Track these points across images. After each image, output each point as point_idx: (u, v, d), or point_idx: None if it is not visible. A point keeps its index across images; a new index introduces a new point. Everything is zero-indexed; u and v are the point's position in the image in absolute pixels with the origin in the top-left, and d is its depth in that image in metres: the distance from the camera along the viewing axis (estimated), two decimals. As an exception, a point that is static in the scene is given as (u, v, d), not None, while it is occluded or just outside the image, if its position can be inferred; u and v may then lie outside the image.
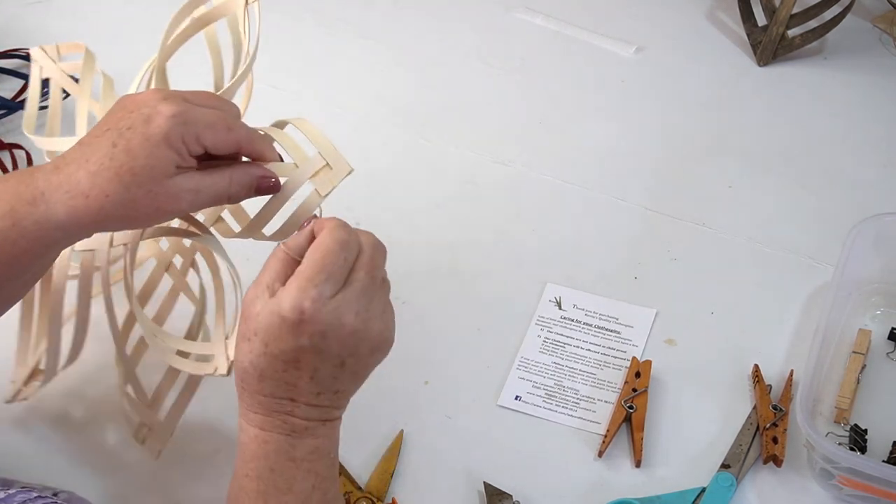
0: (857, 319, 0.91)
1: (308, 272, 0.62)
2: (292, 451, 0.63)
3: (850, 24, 1.20)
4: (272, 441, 0.63)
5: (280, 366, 0.62)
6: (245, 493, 0.64)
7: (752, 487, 0.82)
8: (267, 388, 0.63)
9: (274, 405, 0.63)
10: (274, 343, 0.62)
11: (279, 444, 0.63)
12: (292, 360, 0.62)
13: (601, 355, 0.91)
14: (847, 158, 1.08)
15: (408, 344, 0.93)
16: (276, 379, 0.63)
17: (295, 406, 0.63)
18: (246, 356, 0.63)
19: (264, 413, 0.63)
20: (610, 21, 1.24)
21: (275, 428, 0.63)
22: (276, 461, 0.63)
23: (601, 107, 1.14)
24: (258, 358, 0.62)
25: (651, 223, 1.02)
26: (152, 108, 0.63)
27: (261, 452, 0.63)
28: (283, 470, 0.63)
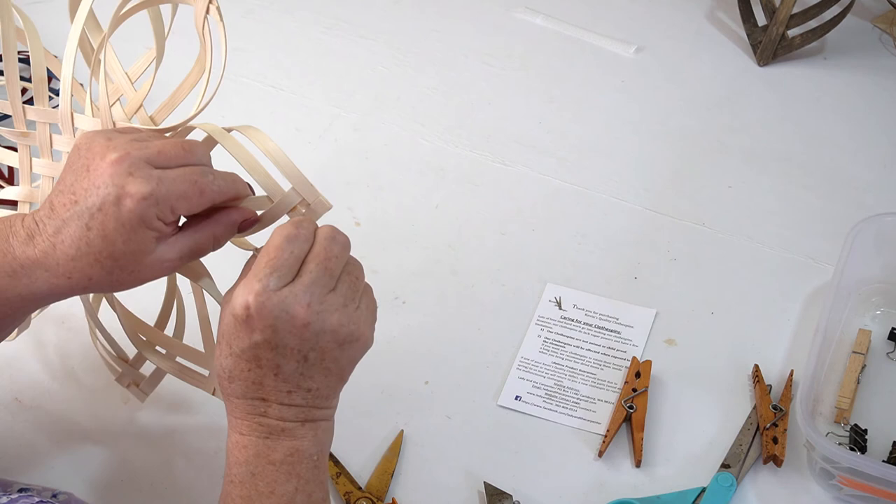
0: (857, 319, 0.91)
1: (254, 268, 0.62)
2: (270, 453, 0.63)
3: (850, 24, 1.20)
4: (251, 445, 0.63)
5: (244, 364, 0.62)
6: (231, 498, 0.64)
7: (752, 487, 0.82)
8: (238, 390, 0.63)
9: (248, 407, 0.64)
10: (235, 342, 0.62)
11: (257, 447, 0.63)
12: (252, 357, 0.62)
13: (601, 355, 0.91)
14: (847, 158, 1.08)
15: (408, 344, 0.93)
16: (243, 379, 0.63)
17: (267, 406, 0.63)
18: (218, 360, 0.64)
19: (242, 416, 0.64)
20: (610, 21, 1.24)
21: (252, 431, 0.64)
22: (256, 465, 0.63)
23: (601, 107, 1.14)
24: (226, 360, 0.63)
25: (651, 223, 1.02)
26: (120, 187, 0.61)
27: (242, 457, 0.64)
28: (263, 473, 0.63)
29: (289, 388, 0.63)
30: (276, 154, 0.67)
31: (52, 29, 1.24)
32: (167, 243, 0.64)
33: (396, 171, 1.07)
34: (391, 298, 0.95)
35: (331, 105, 1.14)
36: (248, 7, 1.25)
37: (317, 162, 1.07)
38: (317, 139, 1.10)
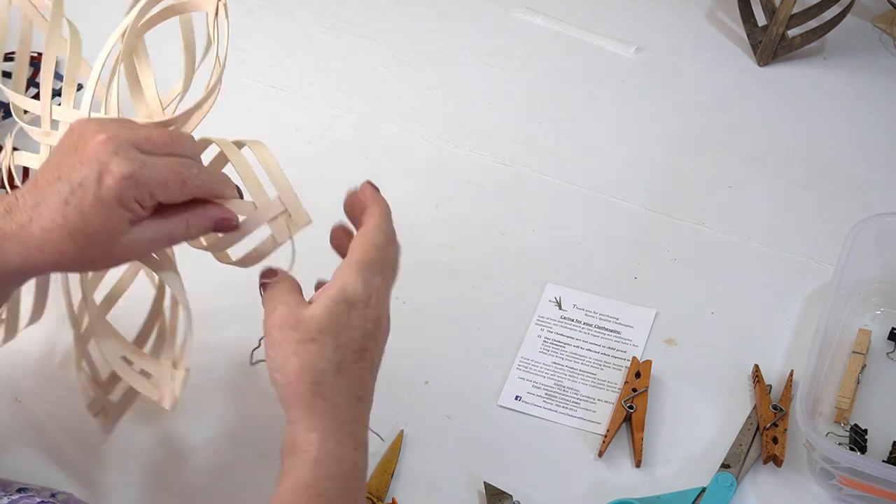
0: (857, 319, 0.91)
1: (366, 260, 0.63)
2: (361, 467, 0.62)
3: (850, 24, 1.19)
4: (348, 458, 0.62)
5: (351, 357, 0.62)
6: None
7: (752, 487, 0.82)
8: (344, 386, 0.62)
9: (343, 412, 0.62)
10: (343, 333, 0.62)
11: (354, 460, 0.62)
12: (360, 349, 0.62)
13: (601, 355, 0.91)
14: (847, 158, 1.08)
15: (408, 344, 0.93)
16: (351, 373, 0.62)
17: (361, 408, 0.62)
18: (316, 357, 0.62)
19: (335, 424, 0.62)
20: (610, 21, 1.24)
21: (348, 439, 0.62)
22: (351, 480, 0.62)
23: (601, 107, 1.14)
24: (333, 353, 0.62)
25: (651, 223, 1.02)
26: (104, 164, 0.61)
27: (336, 471, 0.61)
28: (353, 490, 0.61)
29: (373, 388, 0.63)
30: (270, 163, 0.68)
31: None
32: (141, 226, 0.64)
33: (396, 171, 1.07)
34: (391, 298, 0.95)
35: (331, 105, 1.14)
36: (248, 7, 1.25)
37: (316, 162, 1.07)
38: (317, 139, 1.10)
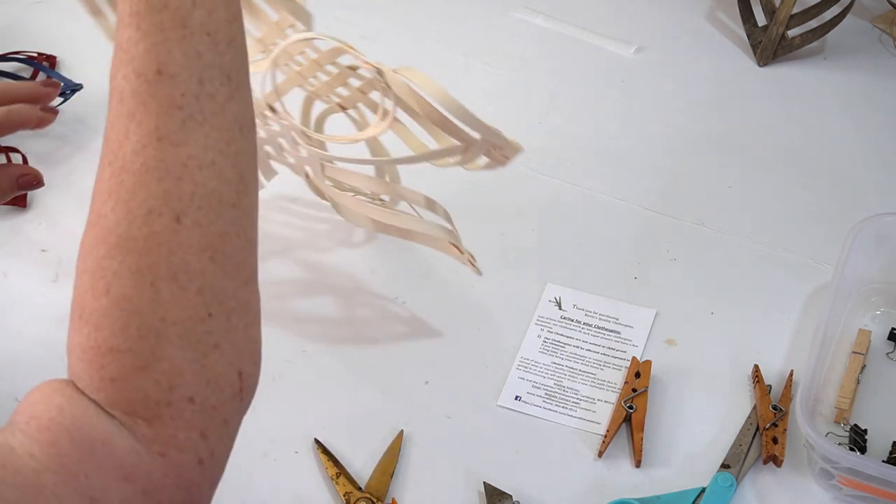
0: (857, 319, 0.91)
1: None
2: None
3: (850, 24, 1.20)
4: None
5: None
6: (122, 22, 0.52)
7: (751, 487, 0.82)
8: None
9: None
10: None
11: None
12: None
13: (601, 355, 0.91)
14: (847, 158, 1.08)
15: (408, 344, 0.93)
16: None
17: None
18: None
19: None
20: (610, 21, 1.24)
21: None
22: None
23: (601, 107, 1.14)
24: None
25: (651, 223, 1.02)
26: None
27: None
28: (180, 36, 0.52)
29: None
30: (446, 99, 0.73)
31: (54, 30, 1.24)
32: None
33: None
34: (391, 298, 0.95)
35: (331, 105, 1.13)
36: (249, 7, 1.25)
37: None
38: (317, 139, 1.10)
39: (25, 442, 0.48)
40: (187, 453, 0.50)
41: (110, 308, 0.50)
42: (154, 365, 0.49)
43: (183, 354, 0.50)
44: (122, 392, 0.49)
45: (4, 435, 0.49)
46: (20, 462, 0.48)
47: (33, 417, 0.50)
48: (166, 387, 0.49)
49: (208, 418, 0.50)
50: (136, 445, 0.49)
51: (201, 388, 0.50)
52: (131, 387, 0.49)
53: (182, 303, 0.50)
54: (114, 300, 0.50)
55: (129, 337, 0.50)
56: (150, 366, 0.49)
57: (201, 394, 0.50)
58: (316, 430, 0.86)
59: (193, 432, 0.50)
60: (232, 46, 0.53)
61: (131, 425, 0.49)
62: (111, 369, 0.50)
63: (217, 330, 0.51)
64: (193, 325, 0.50)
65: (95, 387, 0.50)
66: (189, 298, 0.50)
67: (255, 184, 0.55)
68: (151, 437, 0.49)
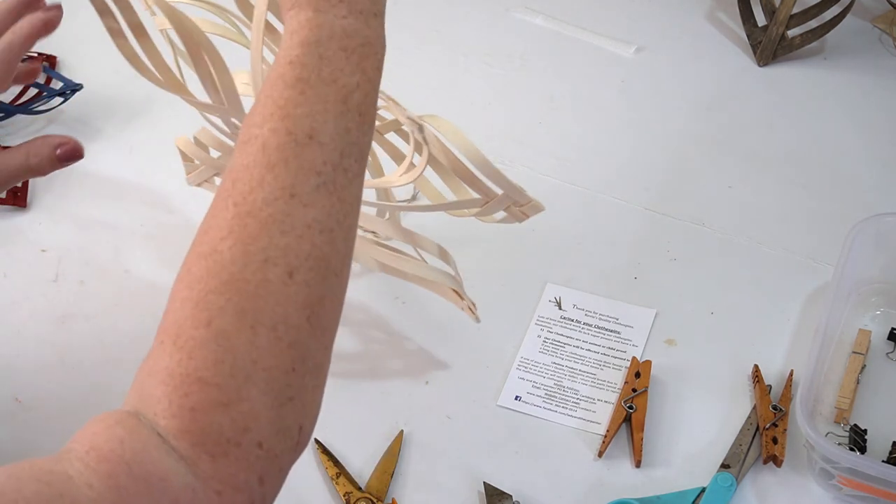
0: (857, 319, 0.91)
1: None
2: (346, 39, 0.57)
3: (850, 24, 1.19)
4: (326, 25, 0.57)
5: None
6: (283, 80, 0.57)
7: (751, 487, 0.82)
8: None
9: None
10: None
11: (333, 28, 0.57)
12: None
13: (601, 355, 0.91)
14: (847, 158, 1.08)
15: (408, 344, 0.93)
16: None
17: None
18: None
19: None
20: (610, 21, 1.24)
21: (331, 8, 0.58)
22: (328, 47, 0.57)
23: (601, 107, 1.14)
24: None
25: (651, 223, 1.02)
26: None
27: (312, 38, 0.57)
28: (333, 59, 0.57)
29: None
30: (475, 153, 0.71)
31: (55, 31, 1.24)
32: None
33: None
34: (391, 299, 0.95)
35: (331, 105, 1.13)
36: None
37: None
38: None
39: (84, 472, 0.49)
40: (243, 494, 0.51)
41: (208, 340, 0.52)
42: (236, 404, 0.51)
43: (263, 400, 0.52)
44: (197, 423, 0.50)
45: (62, 464, 0.49)
46: (77, 492, 0.48)
47: (93, 448, 0.50)
48: (241, 427, 0.51)
49: (269, 465, 0.52)
50: (193, 482, 0.50)
51: (271, 435, 0.52)
52: (208, 420, 0.50)
53: (275, 352, 0.52)
54: (213, 334, 0.52)
55: (220, 372, 0.51)
56: (232, 404, 0.51)
57: (269, 441, 0.52)
58: (316, 430, 0.86)
59: (253, 476, 0.51)
60: (371, 129, 0.59)
61: (193, 459, 0.50)
62: (194, 399, 0.51)
63: (296, 384, 0.53)
64: (279, 375, 0.52)
65: (172, 413, 0.51)
66: (282, 349, 0.53)
67: (351, 261, 0.58)
68: (212, 473, 0.50)
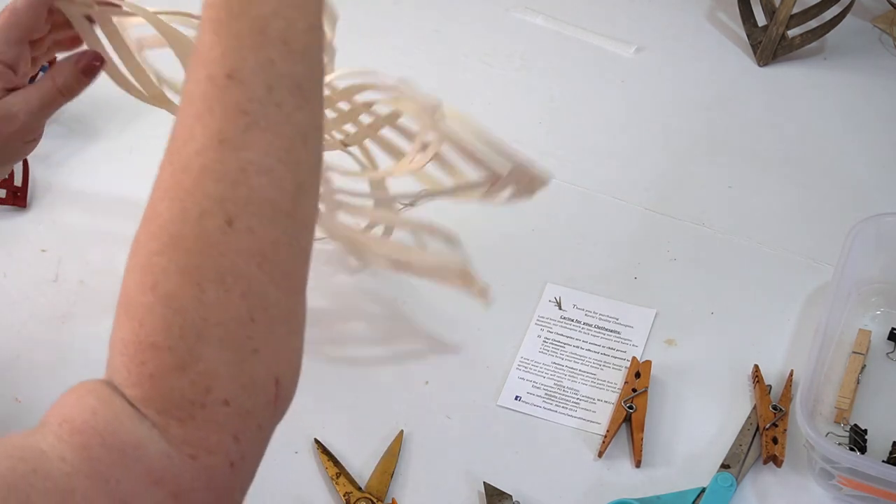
0: (857, 319, 0.91)
1: None
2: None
3: (850, 24, 1.19)
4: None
5: None
6: (202, 28, 0.54)
7: (752, 487, 0.82)
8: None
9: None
10: None
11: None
12: None
13: (601, 355, 0.91)
14: (847, 158, 1.08)
15: (408, 344, 0.93)
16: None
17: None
18: None
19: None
20: (610, 21, 1.24)
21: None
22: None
23: (601, 107, 1.14)
24: None
25: (651, 223, 1.02)
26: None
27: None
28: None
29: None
30: (482, 131, 0.73)
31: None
32: (14, 93, 0.70)
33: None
34: (391, 299, 0.95)
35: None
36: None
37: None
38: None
39: (57, 445, 0.48)
40: (218, 456, 0.50)
41: (155, 304, 0.50)
42: (192, 365, 0.49)
43: (221, 357, 0.50)
44: (158, 389, 0.49)
45: (35, 437, 0.48)
46: (51, 465, 0.47)
47: (66, 420, 0.49)
48: (202, 388, 0.49)
49: (242, 422, 0.50)
50: (167, 448, 0.49)
51: (237, 391, 0.50)
52: (168, 385, 0.49)
53: (226, 305, 0.50)
54: (159, 297, 0.50)
55: (170, 335, 0.49)
56: (187, 366, 0.49)
57: (236, 397, 0.50)
58: (316, 430, 0.86)
59: (226, 435, 0.50)
60: (306, 56, 0.54)
61: (163, 425, 0.49)
62: (150, 366, 0.49)
63: (258, 335, 0.51)
64: (235, 328, 0.50)
65: (133, 382, 0.50)
66: (233, 301, 0.50)
67: (315, 195, 0.55)
68: (183, 438, 0.49)
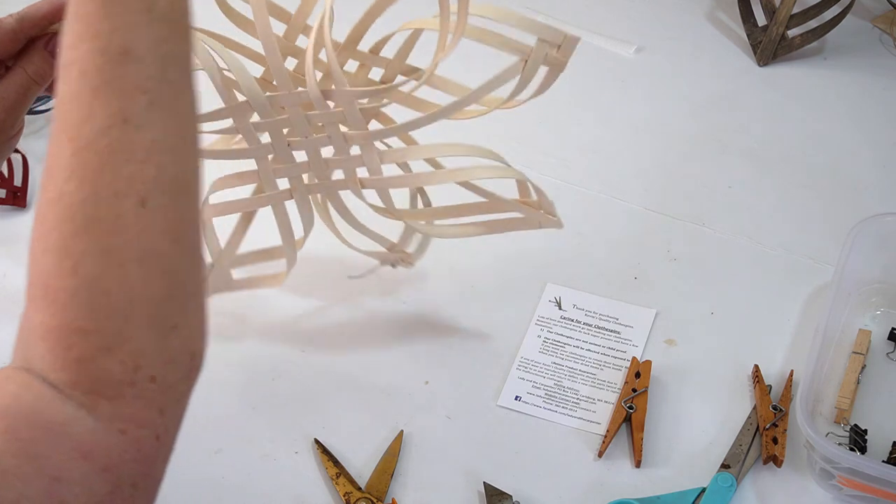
0: (857, 319, 0.91)
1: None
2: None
3: (850, 24, 1.20)
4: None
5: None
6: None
7: (752, 487, 0.82)
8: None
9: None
10: None
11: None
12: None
13: (601, 355, 0.91)
14: (847, 158, 1.08)
15: (408, 344, 0.93)
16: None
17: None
18: None
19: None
20: (610, 21, 1.24)
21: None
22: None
23: (601, 107, 1.14)
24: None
25: (651, 223, 1.02)
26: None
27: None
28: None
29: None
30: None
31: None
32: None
33: (395, 172, 1.07)
34: (392, 299, 0.95)
35: (331, 105, 1.13)
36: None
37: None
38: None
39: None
40: (147, 430, 0.51)
41: (79, 288, 0.50)
42: (121, 345, 0.50)
43: (148, 335, 0.51)
44: (87, 372, 0.50)
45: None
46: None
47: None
48: (131, 367, 0.50)
49: (166, 397, 0.52)
50: (94, 424, 0.50)
51: (162, 367, 0.51)
52: (97, 367, 0.50)
53: (149, 284, 0.51)
54: (82, 280, 0.50)
55: (97, 318, 0.50)
56: (117, 346, 0.50)
57: (161, 373, 0.51)
58: (316, 430, 0.86)
59: (153, 410, 0.51)
60: (187, 37, 0.55)
61: (91, 405, 0.50)
62: (78, 350, 0.50)
63: (176, 311, 0.52)
64: (157, 306, 0.51)
65: (59, 367, 0.50)
66: (154, 280, 0.51)
67: (200, 175, 0.56)
68: (112, 414, 0.50)
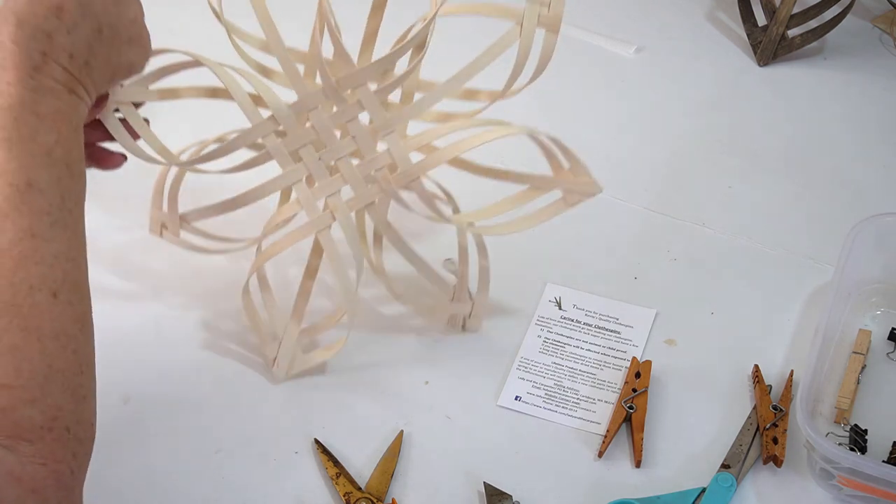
0: (857, 319, 0.91)
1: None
2: (35, 106, 0.64)
3: (850, 24, 1.20)
4: (16, 94, 0.64)
5: (42, 11, 0.64)
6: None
7: (752, 487, 0.82)
8: (22, 36, 0.63)
9: (24, 58, 0.64)
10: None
11: (23, 97, 0.64)
12: (55, 7, 0.64)
13: (601, 355, 0.91)
14: (847, 158, 1.08)
15: (408, 344, 0.93)
16: (33, 25, 0.64)
17: (45, 62, 0.64)
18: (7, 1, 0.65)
19: (12, 66, 0.64)
20: (610, 21, 1.24)
21: (20, 82, 0.64)
22: (21, 113, 0.64)
23: (601, 107, 1.14)
24: (19, 3, 0.64)
25: (651, 223, 1.02)
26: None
27: (5, 104, 0.64)
28: (26, 120, 0.64)
29: (71, 52, 0.65)
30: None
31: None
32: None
33: (396, 171, 1.07)
34: (392, 299, 0.95)
35: (331, 105, 1.13)
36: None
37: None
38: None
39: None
40: (63, 464, 0.61)
41: (3, 354, 0.60)
42: (42, 399, 0.61)
43: (64, 396, 0.62)
44: (9, 419, 0.59)
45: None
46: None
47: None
48: (50, 417, 0.61)
49: (78, 446, 0.62)
50: (20, 458, 0.59)
51: (75, 424, 0.62)
52: (19, 415, 0.60)
53: (64, 357, 0.62)
54: (5, 348, 0.60)
55: (20, 376, 0.60)
56: (38, 400, 0.60)
57: (74, 428, 0.62)
58: (316, 430, 0.86)
59: (68, 452, 0.62)
60: (81, 180, 0.67)
61: (13, 446, 0.59)
62: (2, 402, 0.59)
63: (86, 385, 0.64)
64: (71, 376, 0.63)
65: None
66: (68, 356, 0.62)
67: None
68: (32, 453, 0.60)
